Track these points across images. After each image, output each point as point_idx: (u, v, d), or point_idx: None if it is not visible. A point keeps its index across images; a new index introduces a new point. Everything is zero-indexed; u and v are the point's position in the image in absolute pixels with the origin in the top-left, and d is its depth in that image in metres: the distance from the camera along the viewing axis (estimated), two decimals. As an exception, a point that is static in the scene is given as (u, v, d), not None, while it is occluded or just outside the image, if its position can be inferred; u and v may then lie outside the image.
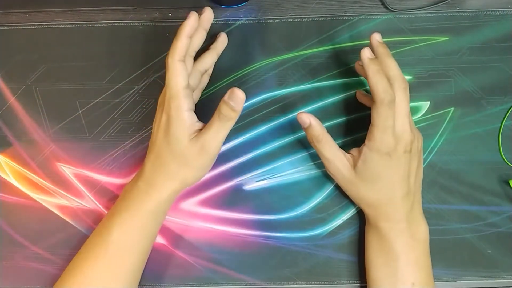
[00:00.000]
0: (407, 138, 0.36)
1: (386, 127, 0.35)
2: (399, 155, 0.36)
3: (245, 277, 0.42)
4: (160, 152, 0.38)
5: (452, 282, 0.42)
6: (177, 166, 0.37)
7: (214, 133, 0.36)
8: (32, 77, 0.45)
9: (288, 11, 0.46)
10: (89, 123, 0.45)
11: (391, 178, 0.37)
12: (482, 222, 0.43)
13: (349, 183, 0.39)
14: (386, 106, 0.35)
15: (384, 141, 0.36)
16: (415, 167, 0.37)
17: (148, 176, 0.38)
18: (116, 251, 0.37)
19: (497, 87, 0.44)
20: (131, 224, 0.38)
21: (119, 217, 0.38)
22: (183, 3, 0.46)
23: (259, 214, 0.43)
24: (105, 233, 0.38)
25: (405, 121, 0.36)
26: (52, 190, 0.44)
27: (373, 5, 0.46)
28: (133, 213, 0.38)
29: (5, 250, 0.43)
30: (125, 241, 0.38)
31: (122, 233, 0.37)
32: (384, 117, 0.35)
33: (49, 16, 0.46)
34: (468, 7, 0.45)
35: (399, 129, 0.36)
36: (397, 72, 0.37)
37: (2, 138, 0.44)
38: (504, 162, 0.43)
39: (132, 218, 0.38)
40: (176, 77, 0.36)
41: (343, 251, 0.43)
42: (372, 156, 0.36)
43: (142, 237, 0.38)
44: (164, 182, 0.38)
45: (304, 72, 0.45)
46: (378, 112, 0.35)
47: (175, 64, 0.36)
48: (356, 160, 0.38)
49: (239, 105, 0.35)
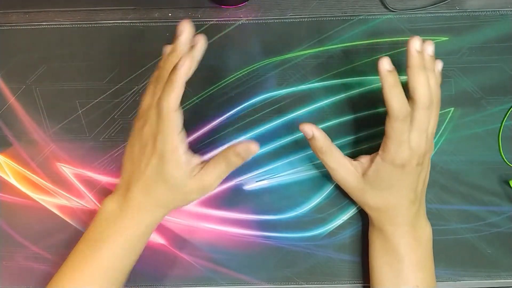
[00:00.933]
0: (422, 152, 0.35)
1: (401, 141, 0.34)
2: (412, 167, 0.36)
3: (245, 277, 0.42)
4: (152, 185, 0.35)
5: (452, 282, 0.42)
6: (171, 197, 0.36)
7: (217, 175, 0.36)
8: (32, 77, 0.45)
9: (288, 11, 0.46)
10: (89, 123, 0.45)
11: (401, 187, 0.36)
12: (482, 222, 0.43)
13: (356, 190, 0.38)
14: (400, 121, 0.34)
15: (399, 154, 0.35)
16: (424, 176, 0.38)
17: (138, 203, 0.36)
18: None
19: (497, 87, 0.44)
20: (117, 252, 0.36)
21: (112, 242, 0.36)
22: (183, 3, 0.46)
23: (259, 214, 0.43)
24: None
25: (422, 136, 0.35)
26: (52, 190, 0.44)
27: (373, 5, 0.46)
28: (121, 238, 0.36)
29: (5, 250, 0.43)
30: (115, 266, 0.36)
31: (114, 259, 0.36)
32: (399, 132, 0.34)
33: (49, 16, 0.46)
34: (468, 7, 0.45)
35: (414, 143, 0.35)
36: (423, 90, 0.34)
37: (2, 138, 0.44)
38: (504, 162, 0.43)
39: (123, 239, 0.36)
40: (173, 127, 0.33)
41: (343, 251, 0.43)
42: (385, 166, 0.36)
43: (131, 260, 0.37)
44: (156, 208, 0.36)
45: (304, 72, 0.45)
46: (393, 127, 0.34)
47: (171, 114, 0.33)
48: (366, 168, 0.37)
49: (250, 156, 0.35)
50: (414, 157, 0.35)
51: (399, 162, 0.35)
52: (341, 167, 0.38)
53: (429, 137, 0.36)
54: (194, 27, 0.34)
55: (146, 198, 0.36)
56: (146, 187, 0.35)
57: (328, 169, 0.39)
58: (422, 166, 0.36)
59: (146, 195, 0.35)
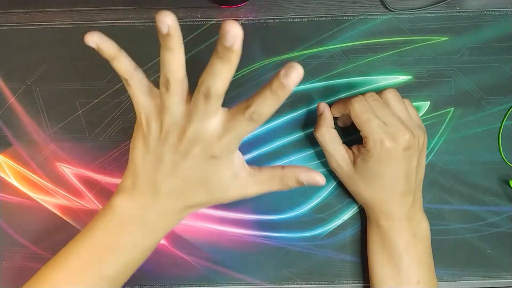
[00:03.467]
0: (404, 136, 0.36)
1: (368, 119, 0.36)
2: (399, 153, 0.36)
3: (245, 277, 0.42)
4: (189, 187, 0.31)
5: (452, 282, 0.42)
6: (206, 200, 0.32)
7: (264, 190, 0.32)
8: (32, 77, 0.45)
9: (288, 11, 0.46)
10: (89, 123, 0.45)
11: (391, 177, 0.37)
12: (482, 222, 0.43)
13: (349, 179, 0.39)
14: (357, 101, 0.36)
15: (381, 146, 0.36)
16: (415, 165, 0.37)
17: (165, 207, 0.32)
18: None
19: (497, 87, 0.44)
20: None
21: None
22: (183, 3, 0.46)
23: (259, 214, 0.43)
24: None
25: (393, 121, 0.36)
26: (52, 190, 0.44)
27: (373, 5, 0.46)
28: (137, 249, 0.33)
29: (5, 250, 0.43)
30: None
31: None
32: (363, 111, 0.36)
33: (49, 16, 0.46)
34: (468, 7, 0.45)
35: (393, 130, 0.36)
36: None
37: (2, 138, 0.44)
38: (504, 162, 0.43)
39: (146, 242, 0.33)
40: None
41: (343, 251, 0.43)
42: (371, 155, 0.36)
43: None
44: (183, 211, 0.32)
45: (304, 72, 0.44)
46: (354, 108, 0.36)
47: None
48: (356, 157, 0.38)
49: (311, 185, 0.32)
50: (398, 143, 0.35)
51: (383, 153, 0.35)
52: (337, 153, 0.39)
53: (408, 119, 0.37)
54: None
55: (177, 201, 0.31)
56: (180, 189, 0.31)
57: (325, 153, 0.40)
58: (411, 151, 0.36)
59: (177, 199, 0.31)
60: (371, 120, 0.35)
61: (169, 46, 0.28)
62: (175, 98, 0.29)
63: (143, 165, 0.31)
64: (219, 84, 0.27)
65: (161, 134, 0.30)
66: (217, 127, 0.29)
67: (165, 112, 0.29)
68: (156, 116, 0.30)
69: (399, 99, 0.38)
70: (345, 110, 0.38)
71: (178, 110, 0.29)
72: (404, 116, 0.37)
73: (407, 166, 0.37)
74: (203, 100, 0.28)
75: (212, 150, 0.29)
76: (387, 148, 0.35)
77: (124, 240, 0.32)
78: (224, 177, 0.31)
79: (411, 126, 0.37)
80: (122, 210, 0.31)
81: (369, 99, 0.37)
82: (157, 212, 0.32)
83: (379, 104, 0.37)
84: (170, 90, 0.28)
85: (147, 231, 0.32)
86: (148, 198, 0.31)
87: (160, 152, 0.30)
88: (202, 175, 0.30)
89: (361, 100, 0.36)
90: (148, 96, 0.30)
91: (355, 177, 0.38)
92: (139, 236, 0.32)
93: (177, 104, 0.29)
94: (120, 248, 0.32)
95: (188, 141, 0.29)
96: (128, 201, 0.32)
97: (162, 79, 0.29)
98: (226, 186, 0.31)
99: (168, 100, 0.29)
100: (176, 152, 0.30)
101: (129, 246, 0.32)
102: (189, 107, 0.29)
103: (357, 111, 0.36)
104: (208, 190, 0.31)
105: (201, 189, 0.31)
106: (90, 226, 0.33)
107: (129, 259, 0.32)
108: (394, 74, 0.44)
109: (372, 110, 0.36)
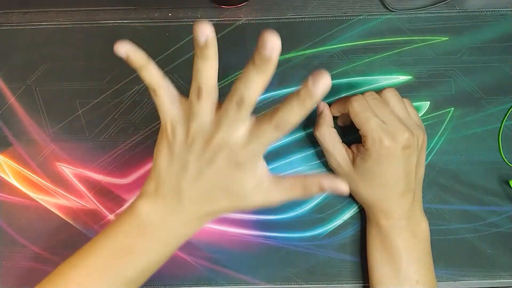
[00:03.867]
0: (403, 135, 0.36)
1: (368, 117, 0.36)
2: (398, 152, 0.36)
3: (245, 277, 0.42)
4: (212, 193, 0.31)
5: (452, 282, 0.42)
6: (229, 207, 0.32)
7: (286, 198, 0.32)
8: (32, 77, 0.45)
9: (288, 11, 0.46)
10: (89, 123, 0.44)
11: (390, 176, 0.37)
12: (482, 222, 0.43)
13: (348, 178, 0.39)
14: (356, 100, 0.36)
15: (380, 145, 0.36)
16: (414, 164, 0.37)
17: (187, 214, 0.31)
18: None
19: (497, 87, 0.44)
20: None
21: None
22: (183, 3, 0.46)
23: (259, 214, 0.43)
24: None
25: (393, 120, 0.36)
26: (52, 190, 0.44)
27: (373, 5, 0.46)
28: (156, 254, 0.33)
29: (5, 250, 0.43)
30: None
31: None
32: (362, 109, 0.36)
33: (49, 16, 0.46)
34: (468, 7, 0.45)
35: (392, 129, 0.36)
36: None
37: (2, 138, 0.44)
38: (504, 162, 0.43)
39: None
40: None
41: (343, 251, 0.43)
42: (371, 154, 0.36)
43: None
44: (204, 218, 0.32)
45: (304, 72, 0.45)
46: (353, 106, 0.36)
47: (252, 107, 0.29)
48: (355, 156, 0.38)
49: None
50: (397, 141, 0.35)
51: (383, 151, 0.36)
52: (337, 152, 0.39)
53: (403, 117, 0.37)
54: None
55: (199, 208, 0.31)
56: (203, 196, 0.31)
57: (325, 152, 0.40)
58: (410, 150, 0.36)
59: (200, 205, 0.31)
60: (370, 119, 0.35)
61: (205, 56, 0.28)
62: (206, 106, 0.29)
63: (167, 171, 0.31)
64: (253, 92, 0.27)
65: (186, 141, 0.30)
66: (244, 135, 0.29)
67: (193, 119, 0.29)
68: (182, 123, 0.30)
69: (399, 98, 0.38)
70: (345, 109, 0.38)
71: (207, 118, 0.29)
72: (403, 115, 0.37)
73: (406, 165, 0.37)
74: (235, 108, 0.28)
75: (237, 157, 0.29)
76: (386, 147, 0.35)
77: (144, 244, 0.32)
78: (247, 185, 0.30)
79: (411, 125, 0.37)
80: (145, 214, 0.31)
81: (369, 98, 0.37)
82: (179, 218, 0.32)
83: (378, 103, 0.37)
84: (202, 98, 0.29)
85: (168, 237, 0.32)
86: (171, 204, 0.31)
87: (184, 158, 0.30)
88: (226, 182, 0.30)
89: (360, 99, 0.37)
90: (175, 104, 0.30)
91: (354, 176, 0.38)
92: (160, 241, 0.32)
93: (206, 112, 0.29)
94: (140, 252, 0.32)
95: (214, 148, 0.29)
96: (151, 206, 0.31)
97: (193, 87, 0.29)
98: (249, 193, 0.31)
99: (198, 108, 0.29)
100: (201, 159, 0.30)
101: (149, 250, 0.32)
102: (218, 115, 0.29)
103: (356, 110, 0.36)
104: (231, 197, 0.31)
105: (224, 196, 0.31)
106: (111, 228, 0.32)
107: (148, 263, 0.32)
108: (394, 74, 0.44)
109: (371, 109, 0.36)
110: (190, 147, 0.30)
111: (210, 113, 0.29)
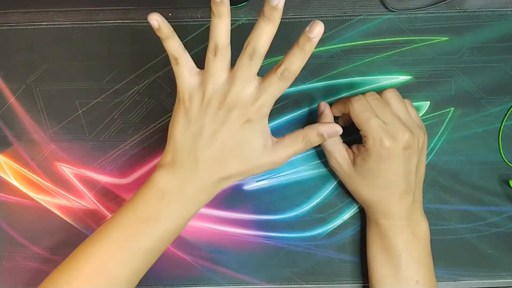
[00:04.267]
0: (403, 135, 0.36)
1: (368, 117, 0.36)
2: (398, 152, 0.36)
3: (245, 277, 0.42)
4: (225, 156, 0.33)
5: (452, 282, 0.42)
6: (241, 170, 0.34)
7: (291, 152, 0.35)
8: (32, 77, 0.45)
9: (288, 11, 0.46)
10: (89, 123, 0.45)
11: (390, 176, 0.37)
12: (482, 222, 0.43)
13: (349, 178, 0.39)
14: (356, 101, 0.37)
15: (380, 145, 0.36)
16: (415, 164, 0.37)
17: (204, 180, 0.34)
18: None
19: (497, 87, 0.44)
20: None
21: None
22: (183, 3, 0.46)
23: (259, 214, 0.43)
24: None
25: (393, 120, 0.36)
26: (52, 190, 0.44)
27: (373, 5, 0.46)
28: (173, 222, 0.34)
29: (5, 250, 0.43)
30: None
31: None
32: (363, 110, 0.36)
33: (49, 16, 0.46)
34: (468, 7, 0.45)
35: (392, 129, 0.36)
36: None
37: (2, 138, 0.44)
38: (504, 162, 0.43)
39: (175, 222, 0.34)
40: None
41: (343, 251, 0.43)
42: (371, 154, 0.36)
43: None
44: (219, 183, 0.34)
45: (304, 72, 0.44)
46: (353, 106, 0.37)
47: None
48: (355, 156, 0.38)
49: (332, 137, 0.36)
50: (397, 142, 0.36)
51: (383, 152, 0.36)
52: (337, 151, 0.39)
53: (408, 119, 0.37)
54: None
55: (213, 173, 0.33)
56: (217, 159, 0.33)
57: (325, 152, 0.40)
58: (410, 151, 0.36)
59: (213, 170, 0.33)
60: (371, 119, 0.36)
61: (220, 13, 0.31)
62: (221, 63, 0.32)
63: (183, 140, 0.33)
64: (263, 43, 0.30)
65: (202, 103, 0.32)
66: (254, 92, 0.32)
67: (208, 80, 0.32)
68: (199, 89, 0.33)
69: (399, 98, 0.38)
70: (345, 109, 0.38)
71: (222, 76, 0.32)
72: (404, 116, 0.37)
73: (407, 165, 0.37)
74: (247, 61, 0.31)
75: (248, 113, 0.32)
76: (387, 147, 0.35)
77: (162, 212, 0.34)
78: (256, 145, 0.33)
79: (411, 125, 0.37)
80: (162, 183, 0.34)
81: (369, 98, 0.37)
82: (195, 185, 0.34)
83: (379, 103, 0.37)
84: (218, 55, 0.32)
85: (185, 204, 0.34)
86: (188, 171, 0.33)
87: (200, 122, 0.32)
88: (237, 141, 0.33)
89: (361, 99, 0.37)
90: (192, 74, 0.33)
91: (355, 176, 0.38)
92: (177, 208, 0.34)
93: (221, 70, 0.32)
94: (157, 220, 0.34)
95: (228, 107, 0.32)
96: (168, 175, 0.34)
97: (210, 46, 0.32)
98: (257, 154, 0.33)
99: (214, 66, 0.32)
100: (216, 119, 0.32)
101: (166, 218, 0.34)
102: (232, 73, 0.32)
103: (357, 110, 0.36)
104: (241, 159, 0.33)
105: (236, 158, 0.33)
106: (131, 200, 0.35)
107: (164, 231, 0.34)
108: (394, 74, 0.44)
109: (371, 109, 0.36)
110: (206, 109, 0.32)
111: (225, 71, 0.32)
